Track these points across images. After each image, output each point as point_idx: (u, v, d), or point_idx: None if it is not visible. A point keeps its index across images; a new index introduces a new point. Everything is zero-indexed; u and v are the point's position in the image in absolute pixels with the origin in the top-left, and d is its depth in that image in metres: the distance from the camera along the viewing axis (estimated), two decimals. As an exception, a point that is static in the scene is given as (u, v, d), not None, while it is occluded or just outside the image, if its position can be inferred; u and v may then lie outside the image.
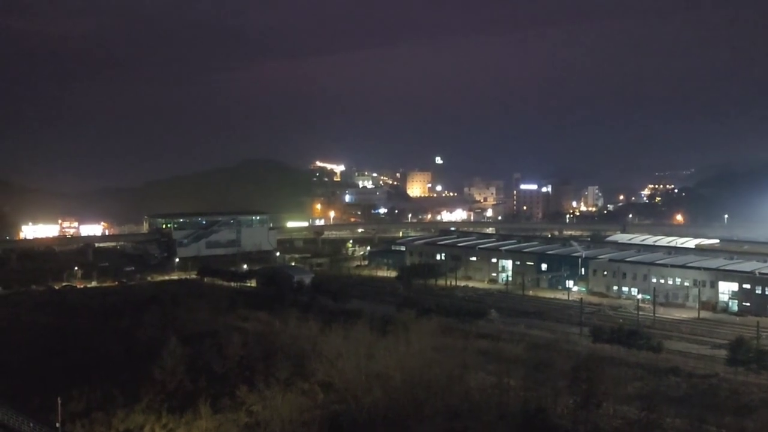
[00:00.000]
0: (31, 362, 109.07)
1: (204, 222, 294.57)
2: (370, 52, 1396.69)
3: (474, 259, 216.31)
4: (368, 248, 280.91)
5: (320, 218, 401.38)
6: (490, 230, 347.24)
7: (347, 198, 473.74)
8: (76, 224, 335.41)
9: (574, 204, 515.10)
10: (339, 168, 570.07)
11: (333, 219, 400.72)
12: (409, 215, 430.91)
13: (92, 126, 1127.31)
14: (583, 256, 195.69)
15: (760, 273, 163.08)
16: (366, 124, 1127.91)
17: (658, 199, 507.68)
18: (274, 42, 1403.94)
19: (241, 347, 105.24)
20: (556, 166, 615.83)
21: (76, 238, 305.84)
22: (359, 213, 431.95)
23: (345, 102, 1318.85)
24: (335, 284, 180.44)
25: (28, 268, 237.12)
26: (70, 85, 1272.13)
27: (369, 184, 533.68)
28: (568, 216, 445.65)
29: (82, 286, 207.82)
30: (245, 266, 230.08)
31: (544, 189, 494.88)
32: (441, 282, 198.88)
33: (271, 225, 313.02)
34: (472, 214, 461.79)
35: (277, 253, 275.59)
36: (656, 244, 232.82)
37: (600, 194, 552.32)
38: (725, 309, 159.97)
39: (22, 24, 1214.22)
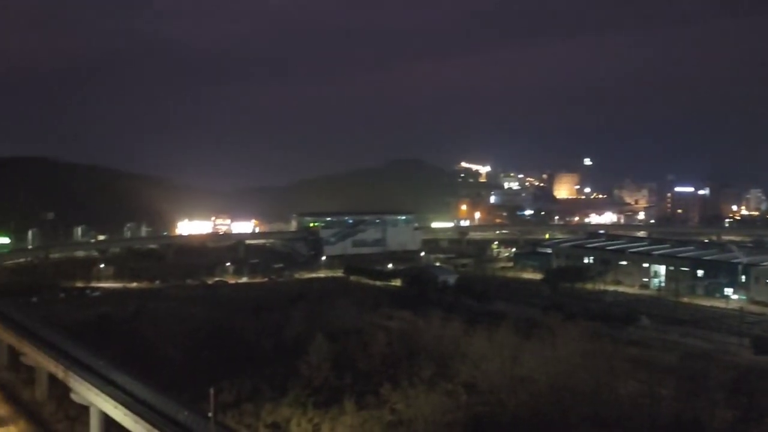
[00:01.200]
0: (187, 353, 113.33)
1: (350, 221, 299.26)
2: (518, 51, 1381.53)
3: (624, 263, 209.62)
4: (513, 250, 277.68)
5: (465, 219, 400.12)
6: (642, 234, 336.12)
7: (493, 199, 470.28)
8: (228, 221, 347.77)
9: (735, 208, 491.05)
10: (484, 169, 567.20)
11: (478, 220, 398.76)
12: (556, 217, 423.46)
13: (244, 127, 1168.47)
14: (744, 262, 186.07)
15: None
16: (512, 125, 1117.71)
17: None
18: (420, 42, 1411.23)
19: (386, 345, 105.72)
20: (713, 168, 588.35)
21: (229, 235, 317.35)
22: (504, 214, 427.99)
23: (491, 102, 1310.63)
24: (479, 285, 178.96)
25: (184, 263, 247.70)
26: (224, 88, 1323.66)
27: (515, 186, 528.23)
28: (727, 220, 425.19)
29: (233, 282, 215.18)
30: (390, 265, 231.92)
31: (701, 191, 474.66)
32: (588, 286, 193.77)
33: (417, 225, 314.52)
34: (622, 216, 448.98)
35: (422, 253, 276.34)
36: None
37: (764, 198, 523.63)
38: None
39: (173, 30, 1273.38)
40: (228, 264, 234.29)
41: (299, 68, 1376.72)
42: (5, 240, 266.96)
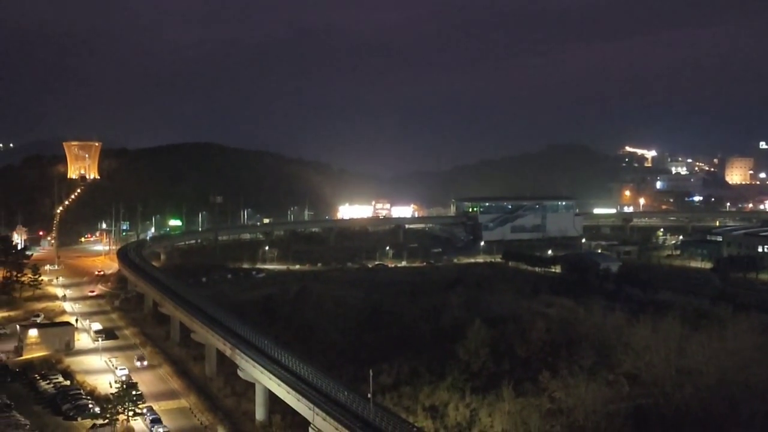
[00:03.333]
0: (347, 335, 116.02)
1: (509, 206, 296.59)
2: (683, 31, 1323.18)
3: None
4: (680, 237, 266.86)
5: (629, 205, 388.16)
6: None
7: (658, 184, 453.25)
8: (388, 206, 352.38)
9: None
10: (650, 153, 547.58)
11: (642, 206, 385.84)
12: (727, 204, 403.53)
13: (404, 114, 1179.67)
14: None
15: None
16: (681, 108, 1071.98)
17: None
18: (582, 24, 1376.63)
19: (545, 333, 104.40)
20: None
21: (388, 219, 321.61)
22: (671, 200, 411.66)
23: (658, 85, 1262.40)
24: (644, 273, 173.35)
25: (344, 246, 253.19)
26: (385, 76, 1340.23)
27: (683, 171, 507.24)
28: None
29: (392, 265, 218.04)
30: (549, 251, 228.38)
31: None
32: (763, 276, 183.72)
33: (577, 211, 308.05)
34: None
35: (583, 240, 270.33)
36: None
37: None
38: None
39: (335, 19, 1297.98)
40: (387, 248, 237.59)
41: (460, 55, 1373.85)
42: (177, 222, 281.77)
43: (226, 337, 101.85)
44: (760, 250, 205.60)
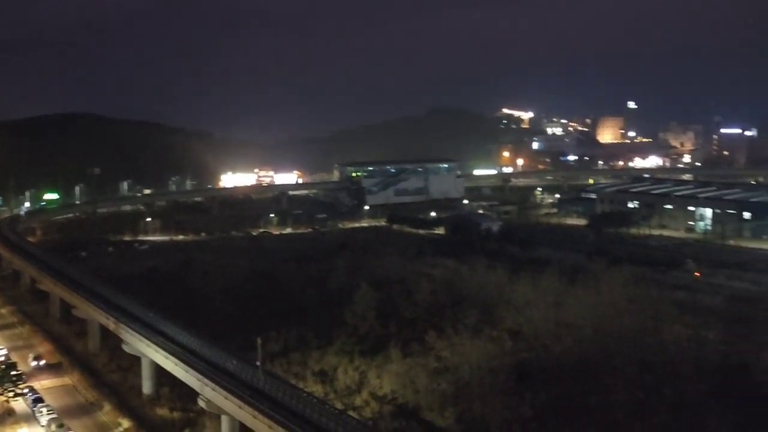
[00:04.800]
0: (234, 304, 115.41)
1: (392, 170, 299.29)
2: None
3: (669, 207, 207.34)
4: (557, 196, 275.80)
5: (508, 166, 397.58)
6: (687, 177, 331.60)
7: (535, 145, 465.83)
8: (271, 173, 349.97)
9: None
10: (527, 115, 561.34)
11: (521, 166, 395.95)
12: (600, 162, 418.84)
13: (284, 80, 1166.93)
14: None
15: None
16: (555, 70, 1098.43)
17: None
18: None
19: (430, 294, 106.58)
20: (761, 109, 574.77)
21: (272, 187, 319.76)
22: (548, 160, 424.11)
23: (532, 48, 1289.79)
24: (523, 232, 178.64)
25: (228, 215, 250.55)
26: (263, 41, 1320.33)
27: (558, 131, 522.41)
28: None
29: (277, 233, 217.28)
30: (433, 213, 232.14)
31: (748, 133, 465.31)
32: (633, 231, 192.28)
33: (459, 173, 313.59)
34: (667, 160, 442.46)
35: (465, 201, 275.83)
36: None
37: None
38: None
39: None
40: (272, 215, 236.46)
41: (337, 20, 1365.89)
42: (54, 196, 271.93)
43: (109, 312, 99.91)
44: (630, 205, 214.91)
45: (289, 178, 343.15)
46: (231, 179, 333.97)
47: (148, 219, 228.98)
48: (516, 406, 74.83)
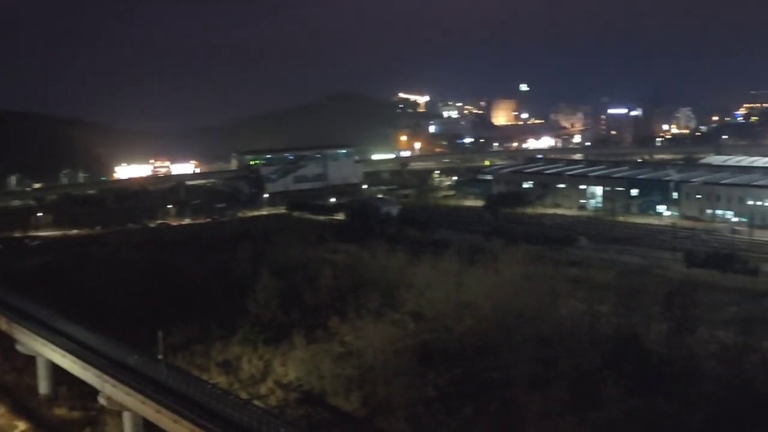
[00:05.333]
0: (133, 298, 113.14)
1: (291, 157, 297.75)
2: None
3: (562, 186, 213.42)
4: (454, 178, 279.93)
5: (405, 150, 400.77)
6: (578, 156, 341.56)
7: (432, 129, 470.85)
8: (167, 163, 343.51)
9: (665, 127, 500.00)
10: (423, 99, 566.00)
11: (418, 150, 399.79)
12: (495, 144, 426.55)
13: (177, 66, 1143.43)
14: (676, 179, 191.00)
15: None
16: (449, 54, 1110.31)
17: (754, 118, 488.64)
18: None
19: (332, 279, 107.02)
20: (645, 89, 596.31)
21: (168, 177, 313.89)
22: (445, 143, 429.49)
23: (426, 31, 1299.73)
24: (422, 215, 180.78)
25: (124, 207, 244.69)
26: (154, 30, 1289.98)
27: (454, 114, 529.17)
28: (659, 139, 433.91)
29: (176, 224, 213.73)
30: (333, 199, 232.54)
31: (633, 112, 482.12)
32: (529, 210, 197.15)
33: (357, 158, 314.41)
34: (559, 140, 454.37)
35: (364, 186, 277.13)
36: (753, 165, 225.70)
37: (692, 116, 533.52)
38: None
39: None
40: (169, 206, 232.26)
41: (227, 8, 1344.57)
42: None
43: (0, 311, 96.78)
44: (525, 185, 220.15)
45: (186, 168, 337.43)
46: (126, 171, 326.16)
47: (39, 214, 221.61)
48: (420, 387, 76.25)
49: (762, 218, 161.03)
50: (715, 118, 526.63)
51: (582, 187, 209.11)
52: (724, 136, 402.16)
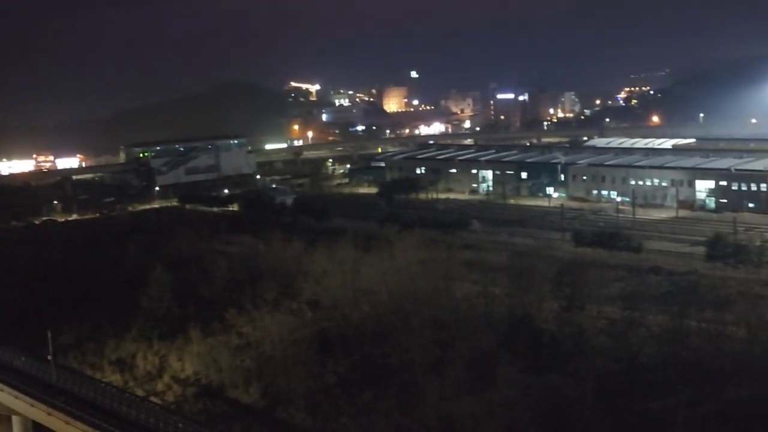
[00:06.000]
0: (20, 298, 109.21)
1: (182, 149, 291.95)
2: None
3: (454, 171, 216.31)
4: (348, 166, 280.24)
5: (298, 139, 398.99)
6: (469, 141, 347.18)
7: (324, 117, 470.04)
8: (51, 158, 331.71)
9: (552, 111, 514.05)
10: (314, 87, 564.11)
11: (311, 139, 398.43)
12: (387, 131, 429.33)
13: (60, 58, 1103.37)
14: (563, 162, 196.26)
15: (735, 169, 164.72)
16: (339, 41, 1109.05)
17: (634, 101, 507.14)
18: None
19: (227, 271, 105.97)
20: (532, 74, 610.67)
21: (53, 172, 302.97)
22: (337, 131, 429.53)
23: (316, 18, 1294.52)
24: (317, 204, 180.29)
25: (7, 204, 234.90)
26: (34, 21, 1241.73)
27: (345, 102, 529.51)
28: (545, 123, 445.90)
29: (63, 220, 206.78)
30: (226, 190, 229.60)
31: (520, 97, 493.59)
32: (422, 196, 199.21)
33: (250, 148, 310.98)
34: (450, 126, 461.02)
35: (258, 176, 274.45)
36: (634, 146, 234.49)
37: (577, 100, 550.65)
38: (703, 207, 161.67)
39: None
40: (55, 202, 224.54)
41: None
42: None
43: None
44: (418, 171, 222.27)
45: (71, 162, 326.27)
46: (7, 167, 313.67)
47: None
48: (319, 375, 76.51)
49: (644, 197, 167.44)
50: (598, 101, 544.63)
51: (473, 171, 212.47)
52: (606, 119, 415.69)
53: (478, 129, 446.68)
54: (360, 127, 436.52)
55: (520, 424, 62.53)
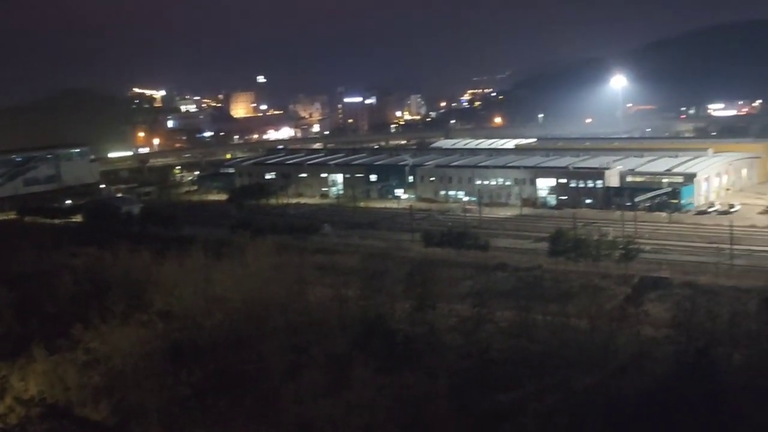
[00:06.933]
0: None
1: (19, 159, 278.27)
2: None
3: (304, 175, 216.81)
4: (196, 173, 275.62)
5: (144, 146, 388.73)
6: (318, 146, 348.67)
7: (170, 124, 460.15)
8: None
9: (399, 114, 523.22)
10: (159, 93, 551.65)
11: (157, 146, 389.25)
12: (236, 137, 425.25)
13: None
14: (410, 164, 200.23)
15: (574, 167, 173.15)
16: (184, 47, 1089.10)
17: (477, 103, 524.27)
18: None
19: (72, 284, 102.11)
20: (378, 77, 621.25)
21: None
22: (184, 138, 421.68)
23: (160, 24, 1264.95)
24: (166, 212, 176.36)
25: None
26: None
27: (192, 108, 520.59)
28: (393, 126, 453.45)
29: None
30: (69, 201, 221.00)
31: (368, 101, 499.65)
32: (273, 201, 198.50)
33: (93, 157, 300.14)
34: (299, 130, 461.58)
35: (102, 186, 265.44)
36: (478, 147, 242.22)
37: (423, 102, 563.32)
38: (544, 204, 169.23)
39: None
40: None
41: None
42: None
43: None
44: (268, 177, 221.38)
45: None
46: None
47: None
48: (173, 387, 74.91)
49: (489, 196, 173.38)
50: (443, 104, 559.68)
51: (323, 175, 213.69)
52: (452, 121, 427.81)
53: (327, 133, 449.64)
54: (207, 134, 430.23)
55: (377, 423, 63.51)
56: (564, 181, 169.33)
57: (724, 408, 58.28)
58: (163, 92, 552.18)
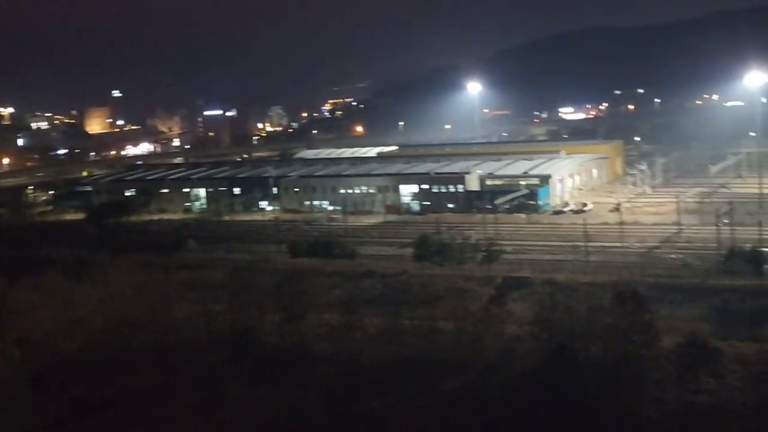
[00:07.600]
0: None
1: None
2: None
3: (165, 191, 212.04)
4: (51, 192, 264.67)
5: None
6: (179, 160, 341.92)
7: (20, 142, 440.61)
8: None
9: (260, 125, 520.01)
10: (7, 110, 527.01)
11: (7, 166, 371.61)
12: (92, 154, 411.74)
13: None
14: (274, 175, 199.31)
15: (435, 173, 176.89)
16: (32, 63, 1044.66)
17: (339, 113, 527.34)
18: None
19: None
20: (238, 89, 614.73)
21: None
22: (36, 156, 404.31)
23: (2, 39, 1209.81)
24: (19, 234, 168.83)
25: None
26: None
27: (44, 125, 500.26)
28: (255, 138, 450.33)
29: None
30: None
31: (228, 113, 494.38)
32: (134, 218, 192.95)
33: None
34: (158, 145, 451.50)
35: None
36: (341, 156, 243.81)
37: (284, 113, 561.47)
38: (408, 210, 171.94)
39: None
40: None
41: None
42: None
43: None
44: (127, 193, 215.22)
45: None
46: None
47: None
48: (34, 417, 71.91)
49: (354, 204, 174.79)
50: (305, 114, 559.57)
51: (185, 190, 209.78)
52: (314, 131, 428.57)
53: (188, 147, 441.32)
54: (62, 151, 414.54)
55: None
56: (426, 186, 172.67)
57: (586, 397, 61.05)
58: (11, 109, 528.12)
